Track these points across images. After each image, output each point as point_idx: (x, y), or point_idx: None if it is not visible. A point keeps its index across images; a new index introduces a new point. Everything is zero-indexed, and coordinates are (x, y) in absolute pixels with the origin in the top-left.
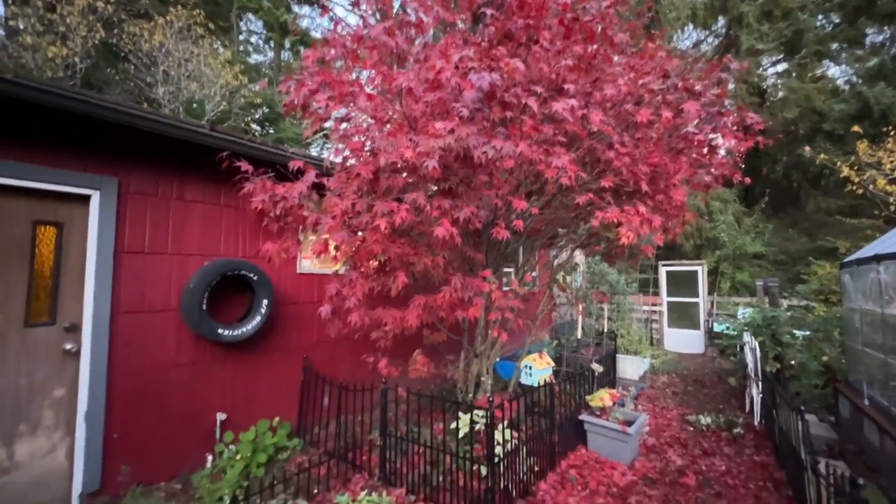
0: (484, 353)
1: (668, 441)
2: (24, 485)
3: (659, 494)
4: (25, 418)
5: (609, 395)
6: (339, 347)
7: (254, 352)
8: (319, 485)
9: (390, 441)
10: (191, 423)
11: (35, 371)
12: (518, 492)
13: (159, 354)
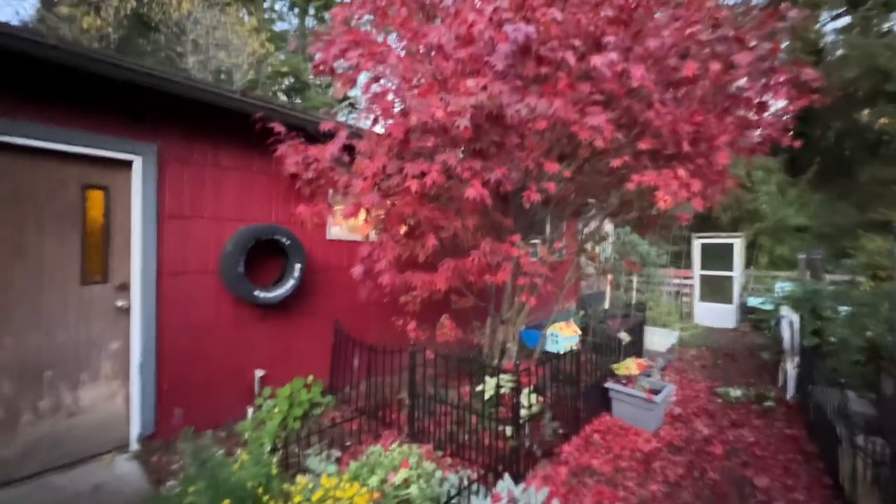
0: (510, 320)
1: (695, 411)
2: (90, 427)
3: (683, 461)
4: (86, 368)
5: (636, 364)
6: (368, 312)
7: (288, 314)
8: (352, 438)
9: (418, 401)
10: (232, 378)
11: (92, 325)
12: (542, 452)
13: (202, 314)
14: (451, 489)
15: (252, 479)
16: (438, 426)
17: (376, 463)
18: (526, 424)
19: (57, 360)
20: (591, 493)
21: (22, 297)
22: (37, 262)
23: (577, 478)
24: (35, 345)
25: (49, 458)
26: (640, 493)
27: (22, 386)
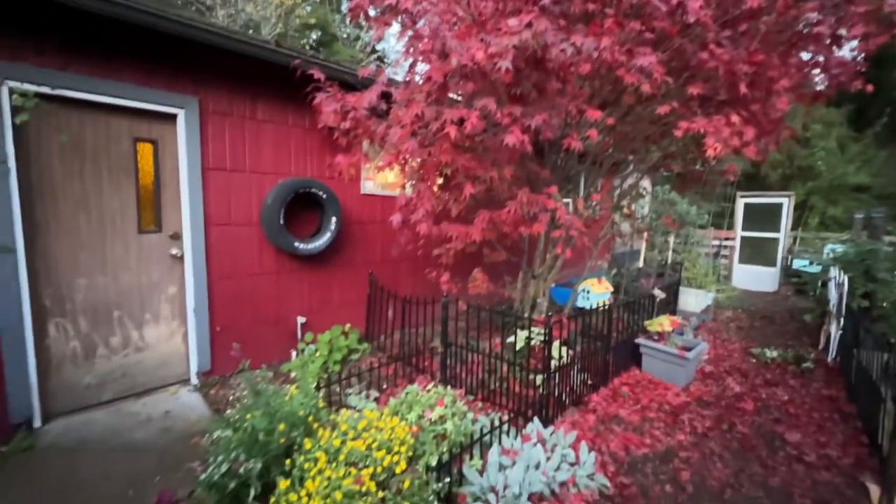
0: (541, 275)
1: (728, 370)
2: (156, 362)
3: (713, 415)
4: (149, 309)
5: (669, 321)
6: (401, 266)
7: (325, 266)
8: (387, 381)
9: (450, 349)
10: (277, 323)
11: (151, 271)
12: (570, 400)
13: (247, 263)
14: (482, 428)
15: (302, 409)
16: (470, 374)
17: (414, 401)
18: (555, 374)
19: (123, 300)
20: (618, 439)
21: (88, 243)
22: (98, 211)
23: (604, 425)
24: (103, 286)
25: (122, 387)
26: (667, 441)
27: (96, 323)
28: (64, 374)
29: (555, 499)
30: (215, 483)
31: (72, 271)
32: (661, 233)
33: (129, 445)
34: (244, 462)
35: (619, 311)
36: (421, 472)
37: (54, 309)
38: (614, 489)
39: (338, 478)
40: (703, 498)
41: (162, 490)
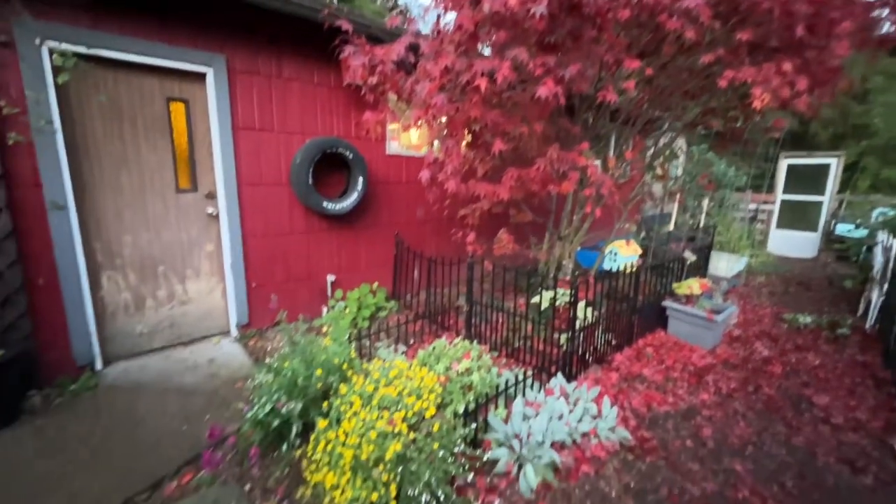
0: (568, 236)
1: (757, 334)
2: (198, 314)
3: (738, 377)
4: (189, 265)
5: (699, 284)
6: (426, 227)
7: (353, 226)
8: (414, 337)
9: (475, 308)
10: (308, 280)
11: (190, 228)
12: (594, 359)
13: (278, 222)
14: (507, 381)
15: (337, 357)
16: (494, 332)
17: (441, 353)
18: (580, 334)
19: (166, 256)
20: (641, 396)
21: (131, 201)
22: (138, 170)
23: (627, 382)
24: (147, 242)
25: (171, 336)
26: (690, 400)
27: (143, 277)
28: (118, 323)
29: (576, 447)
30: (260, 421)
31: (118, 228)
32: (695, 195)
33: (180, 387)
34: (286, 403)
35: (647, 273)
36: (449, 418)
37: (105, 263)
38: (635, 441)
39: (372, 419)
40: (724, 453)
41: (213, 425)
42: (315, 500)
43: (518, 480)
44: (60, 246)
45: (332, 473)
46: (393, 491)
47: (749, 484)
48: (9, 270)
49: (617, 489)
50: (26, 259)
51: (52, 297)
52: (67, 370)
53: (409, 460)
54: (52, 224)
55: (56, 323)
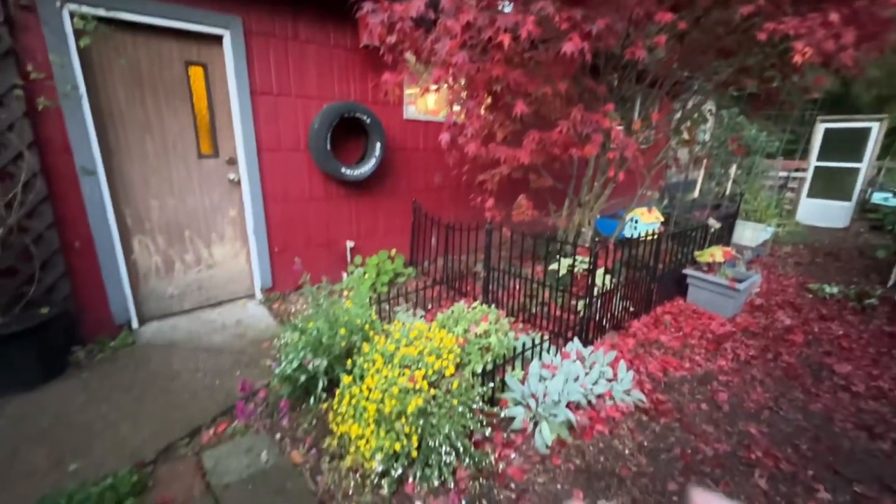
0: (588, 203)
1: (780, 304)
2: (224, 278)
3: (758, 345)
4: (214, 230)
5: (722, 252)
6: (443, 194)
7: (371, 193)
8: (432, 302)
9: (493, 274)
10: (327, 246)
11: (213, 194)
12: (611, 325)
13: (298, 188)
14: (524, 344)
15: (359, 318)
16: (511, 297)
17: (460, 316)
18: (597, 300)
19: (191, 221)
20: (657, 361)
21: (156, 167)
22: (161, 136)
23: (643, 348)
24: (173, 207)
25: (199, 298)
26: (707, 366)
27: (171, 241)
28: (150, 285)
29: (591, 408)
30: (288, 376)
31: (145, 193)
32: (722, 162)
33: (210, 346)
34: (312, 360)
35: (668, 241)
36: (468, 377)
37: (135, 227)
38: (650, 404)
39: (393, 377)
40: (739, 417)
41: (243, 379)
42: (341, 450)
43: (533, 437)
44: (93, 211)
45: (356, 425)
46: (415, 442)
47: (763, 446)
48: (47, 232)
49: (630, 447)
50: (62, 223)
51: (88, 260)
52: (106, 328)
53: (430, 414)
54: (83, 189)
55: (94, 284)
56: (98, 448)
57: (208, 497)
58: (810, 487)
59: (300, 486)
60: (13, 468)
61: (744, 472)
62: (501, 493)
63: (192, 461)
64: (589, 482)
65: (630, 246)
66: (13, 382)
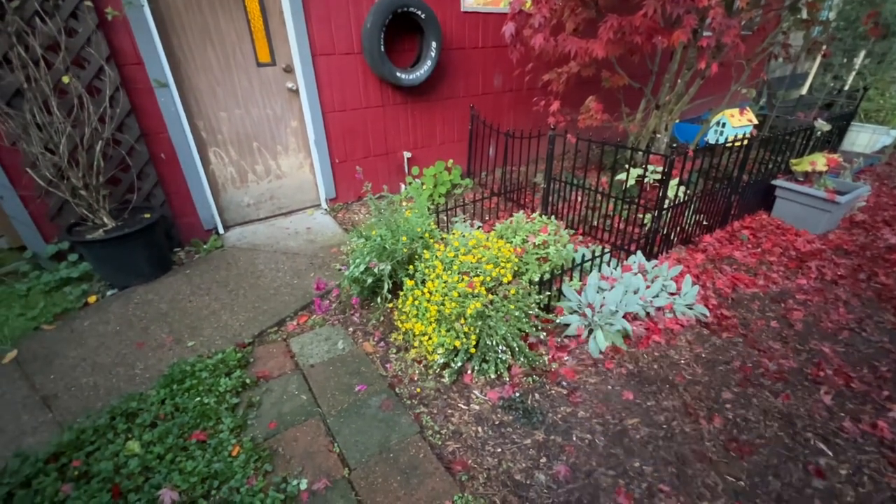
0: (667, 105)
1: (887, 219)
2: (292, 188)
3: (849, 264)
4: (279, 141)
5: (826, 159)
6: (503, 99)
7: (426, 99)
8: (489, 213)
9: (553, 185)
10: (385, 157)
11: (274, 104)
12: (679, 239)
13: (353, 96)
14: (584, 255)
15: (419, 226)
16: (572, 210)
17: (518, 227)
18: (666, 213)
19: (258, 132)
20: (727, 278)
21: (220, 78)
22: (221, 44)
23: (713, 264)
24: (240, 119)
25: (272, 207)
26: (784, 284)
27: (241, 152)
28: (229, 194)
29: (649, 320)
30: (357, 278)
31: (214, 105)
32: (846, 49)
33: (286, 250)
34: (377, 264)
35: (758, 147)
36: (525, 284)
37: (209, 139)
38: (713, 319)
39: (453, 282)
40: (813, 336)
41: (318, 279)
42: (406, 343)
43: (587, 343)
44: (171, 123)
45: (419, 324)
46: (473, 340)
47: (835, 364)
48: (137, 145)
49: (687, 357)
50: (147, 136)
51: (174, 171)
52: (198, 233)
53: (487, 317)
54: (160, 102)
55: (182, 193)
56: (207, 330)
57: (297, 373)
58: (882, 407)
59: (372, 371)
60: (146, 343)
61: (808, 388)
62: (553, 389)
63: (281, 345)
64: (640, 385)
65: (712, 154)
66: (134, 275)
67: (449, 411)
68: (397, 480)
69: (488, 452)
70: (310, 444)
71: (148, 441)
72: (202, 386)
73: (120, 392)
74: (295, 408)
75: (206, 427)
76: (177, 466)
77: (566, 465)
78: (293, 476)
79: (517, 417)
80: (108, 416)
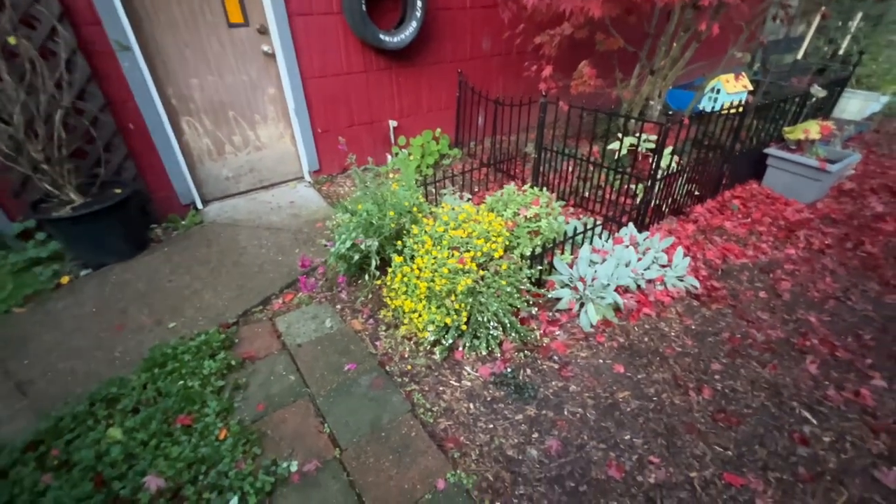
0: (661, 70)
1: (874, 188)
2: (273, 160)
3: (837, 233)
4: (256, 110)
5: (819, 126)
6: (492, 63)
7: (412, 64)
8: (479, 185)
9: (544, 155)
10: (370, 126)
11: (249, 68)
12: (670, 210)
13: (334, 60)
14: (575, 228)
15: (407, 200)
16: (563, 181)
17: (509, 199)
18: (658, 184)
19: (233, 100)
20: (717, 249)
21: (188, 39)
22: (187, 1)
23: (703, 235)
24: (214, 86)
25: (253, 180)
26: (773, 254)
27: (217, 122)
28: (206, 167)
29: (640, 292)
30: (343, 255)
31: (184, 70)
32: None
33: (269, 225)
34: (364, 240)
35: (751, 115)
36: (516, 259)
37: (181, 107)
38: (703, 290)
39: (443, 258)
40: (800, 305)
41: (303, 256)
42: (396, 320)
43: (578, 317)
44: (138, 90)
45: (409, 301)
46: (464, 317)
47: (821, 334)
48: (101, 114)
49: (677, 330)
50: (112, 105)
51: (145, 142)
52: (175, 208)
53: (478, 293)
54: (123, 67)
55: (155, 166)
56: (188, 310)
57: (285, 353)
58: (865, 375)
59: (361, 349)
60: (125, 325)
61: (794, 358)
62: (545, 364)
63: (267, 325)
64: (631, 358)
65: (709, 121)
66: (109, 254)
67: (440, 388)
68: (389, 460)
69: (480, 429)
70: (299, 426)
71: (130, 427)
72: (185, 369)
73: (99, 377)
74: (283, 389)
75: (192, 411)
76: (162, 452)
77: (558, 439)
78: (283, 458)
79: (509, 393)
80: (87, 403)
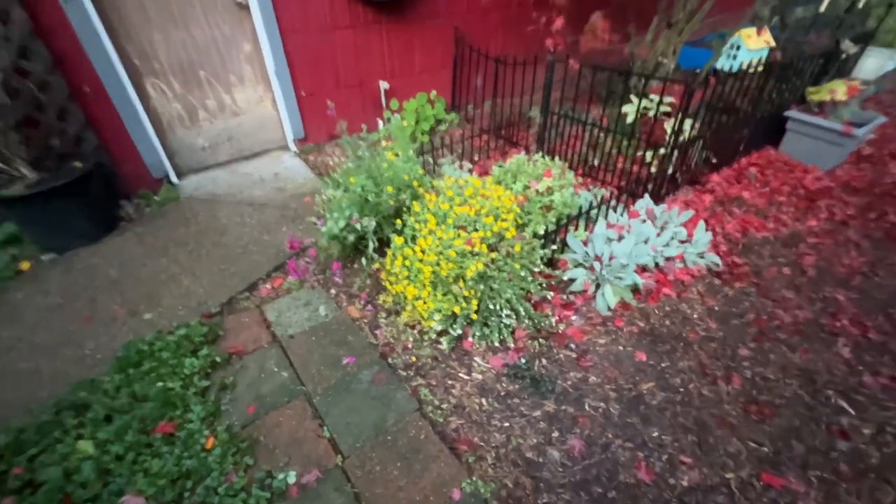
0: (678, 23)
1: (895, 153)
2: (253, 126)
3: (859, 202)
4: (231, 70)
5: (846, 87)
6: (492, 17)
7: (405, 19)
8: (479, 153)
9: (551, 119)
10: (359, 89)
11: (221, 23)
12: (684, 179)
13: (317, 13)
14: (591, 202)
15: (406, 173)
16: (570, 148)
17: (519, 170)
18: (673, 151)
19: (204, 59)
20: (736, 221)
21: None
22: None
23: (721, 206)
24: (181, 42)
25: (232, 150)
26: (794, 226)
27: (187, 84)
28: (179, 135)
29: (658, 271)
30: (336, 235)
31: (145, 25)
32: None
33: (252, 200)
34: (360, 220)
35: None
36: (529, 239)
37: (144, 67)
38: (724, 267)
39: (449, 238)
40: (826, 282)
41: (291, 237)
42: (397, 307)
43: (594, 299)
44: (91, 46)
45: (412, 287)
46: (474, 305)
47: (850, 313)
48: (50, 76)
49: (700, 311)
50: (62, 65)
51: (105, 108)
52: (147, 183)
53: (490, 278)
54: (71, 19)
55: (119, 135)
56: (166, 298)
57: (276, 346)
58: None
59: (361, 339)
60: (95, 316)
61: (825, 341)
62: (561, 353)
63: (255, 313)
64: (653, 344)
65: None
66: (72, 236)
67: (449, 382)
68: (397, 467)
69: (495, 427)
70: (295, 430)
71: (104, 439)
72: (164, 368)
73: (67, 378)
74: (275, 388)
75: (173, 417)
76: (140, 467)
77: (580, 438)
78: (279, 469)
79: (524, 386)
80: (53, 410)
